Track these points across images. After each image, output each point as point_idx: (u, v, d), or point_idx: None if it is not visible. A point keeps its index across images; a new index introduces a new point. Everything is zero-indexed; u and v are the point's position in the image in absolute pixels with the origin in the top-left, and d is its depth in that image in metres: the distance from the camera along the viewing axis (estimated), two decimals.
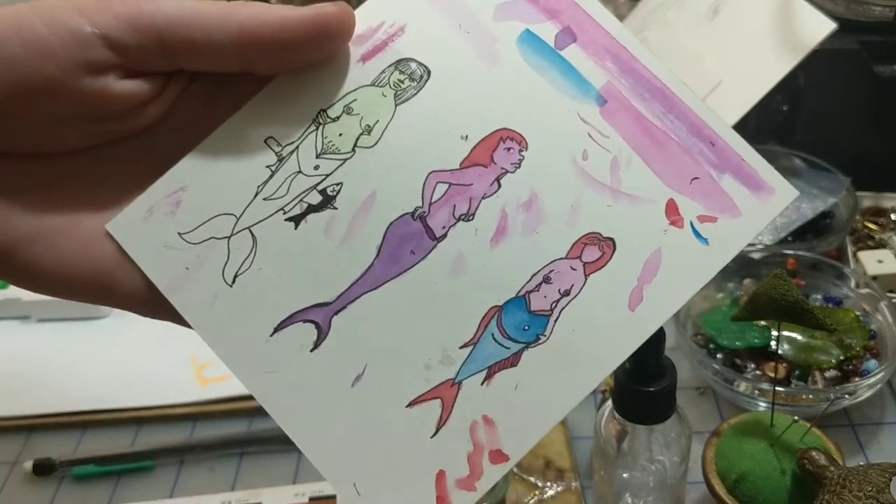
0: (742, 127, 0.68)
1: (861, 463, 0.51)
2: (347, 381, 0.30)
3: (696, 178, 0.31)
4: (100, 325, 0.67)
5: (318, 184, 0.30)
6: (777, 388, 0.51)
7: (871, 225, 0.69)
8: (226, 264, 0.30)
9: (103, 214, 0.29)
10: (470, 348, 0.30)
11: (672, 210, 0.31)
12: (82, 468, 0.56)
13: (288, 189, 0.30)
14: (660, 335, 0.40)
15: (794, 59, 0.62)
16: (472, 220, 0.31)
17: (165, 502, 0.54)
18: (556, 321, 0.30)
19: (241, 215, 0.30)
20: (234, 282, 0.30)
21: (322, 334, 0.30)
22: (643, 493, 0.46)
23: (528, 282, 0.30)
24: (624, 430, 0.44)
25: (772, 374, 0.54)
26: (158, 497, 0.54)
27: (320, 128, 0.31)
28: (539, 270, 0.30)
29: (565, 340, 0.30)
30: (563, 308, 0.30)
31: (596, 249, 0.31)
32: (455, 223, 0.31)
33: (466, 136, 0.31)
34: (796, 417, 0.47)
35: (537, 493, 0.52)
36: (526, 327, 0.30)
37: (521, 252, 0.31)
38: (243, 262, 0.30)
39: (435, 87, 0.31)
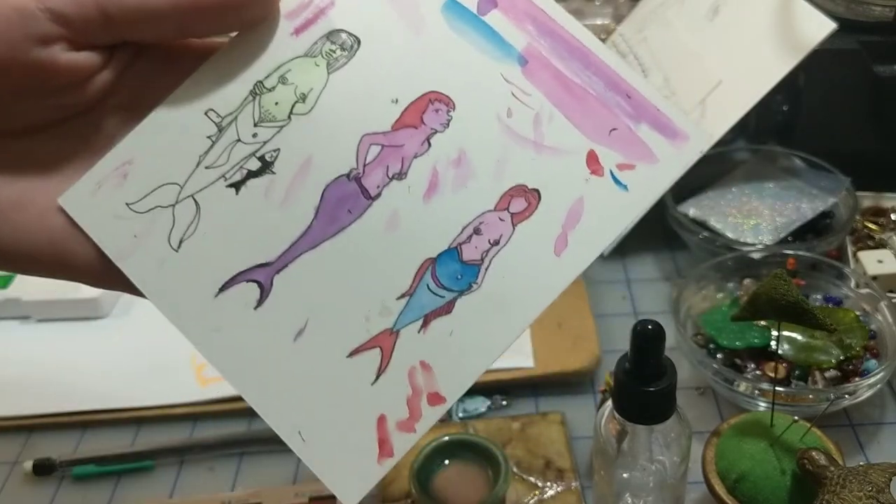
0: (742, 127, 0.68)
1: (861, 463, 0.51)
2: (290, 336, 0.31)
3: (615, 129, 0.33)
4: (100, 325, 0.67)
5: (256, 151, 0.32)
6: (777, 388, 0.51)
7: (871, 225, 0.69)
8: (171, 230, 0.31)
9: (56, 190, 0.31)
10: (407, 299, 0.32)
11: (592, 160, 0.33)
12: (82, 468, 0.56)
13: (228, 157, 0.32)
14: (660, 334, 0.40)
15: (794, 59, 0.62)
16: (405, 178, 0.32)
17: (165, 502, 0.54)
18: (486, 269, 0.32)
19: (184, 184, 0.32)
20: (179, 247, 0.31)
21: (265, 293, 0.31)
22: (643, 493, 0.46)
23: (459, 234, 0.32)
24: (624, 430, 0.44)
25: (772, 374, 0.54)
26: (158, 497, 0.54)
27: (257, 98, 0.32)
28: (470, 223, 0.32)
29: (496, 287, 0.32)
30: (493, 257, 0.32)
31: (522, 200, 0.32)
32: (389, 182, 0.32)
33: (397, 100, 0.33)
34: (796, 417, 0.47)
35: (537, 493, 0.52)
36: (459, 276, 0.32)
37: (452, 206, 0.32)
38: (188, 227, 0.31)
39: (365, 55, 0.33)
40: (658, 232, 0.72)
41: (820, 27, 0.61)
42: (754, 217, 0.67)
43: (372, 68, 0.33)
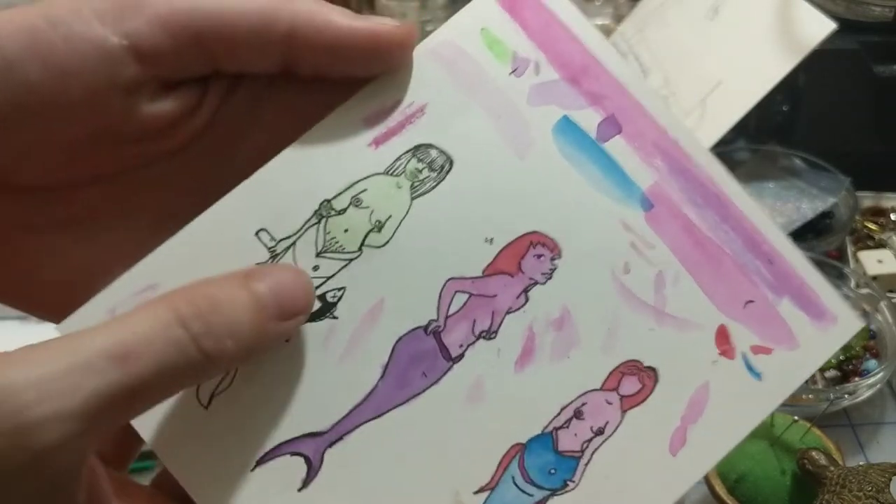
0: (742, 127, 0.68)
1: (861, 463, 0.51)
2: None
3: (751, 301, 0.27)
4: None
5: (317, 287, 0.26)
6: None
7: (871, 225, 0.69)
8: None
9: (139, 253, 0.25)
10: (486, 494, 0.26)
11: (723, 338, 0.27)
12: None
13: None
14: None
15: (794, 59, 0.62)
16: (495, 338, 0.26)
17: None
18: (587, 465, 0.26)
19: None
20: (209, 403, 0.25)
21: (312, 471, 0.25)
22: None
23: (556, 416, 0.26)
24: None
25: None
26: None
27: (323, 221, 0.26)
28: (570, 403, 0.26)
29: (597, 489, 0.26)
30: (595, 449, 0.26)
31: (635, 381, 0.27)
32: (474, 341, 0.26)
33: (491, 240, 0.27)
34: (796, 417, 0.47)
35: None
36: (552, 471, 0.26)
37: (549, 380, 0.26)
38: (222, 379, 0.25)
39: (457, 179, 0.27)
40: None
41: (820, 27, 0.61)
42: None
43: (464, 197, 0.27)
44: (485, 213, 0.27)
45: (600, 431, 0.26)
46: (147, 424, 0.25)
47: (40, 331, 0.70)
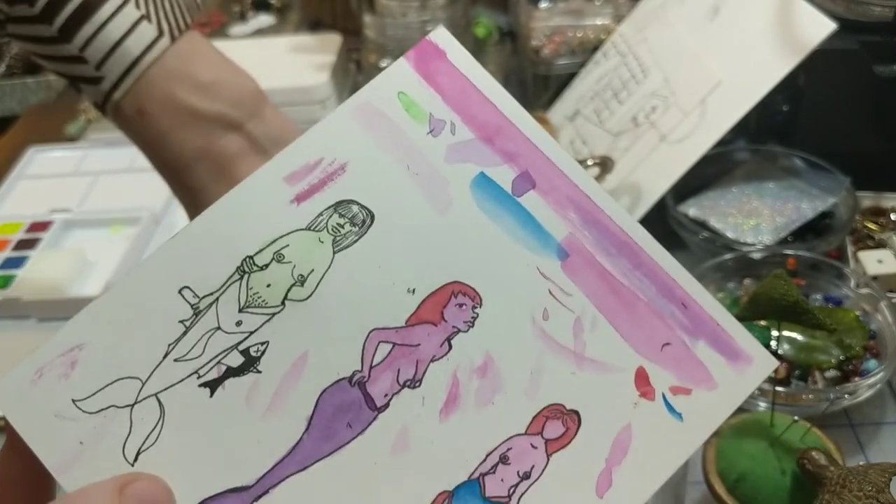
0: (742, 127, 0.68)
1: (861, 463, 0.51)
2: None
3: (668, 343, 0.28)
4: None
5: (239, 342, 0.26)
6: (777, 388, 0.51)
7: (871, 225, 0.69)
8: (127, 438, 0.25)
9: None
10: None
11: (642, 380, 0.28)
12: None
13: (204, 348, 0.26)
14: None
15: (794, 59, 0.62)
16: (419, 386, 0.27)
17: None
18: None
19: (146, 379, 0.26)
20: (135, 459, 0.25)
21: None
22: None
23: (482, 462, 0.27)
24: None
25: (772, 374, 0.54)
26: None
27: (245, 277, 0.27)
28: (495, 448, 0.27)
29: None
30: (522, 494, 0.27)
31: (559, 424, 0.27)
32: (399, 390, 0.27)
33: (413, 290, 0.27)
34: (796, 417, 0.47)
35: None
36: None
37: (474, 426, 0.27)
38: (148, 435, 0.25)
39: (379, 233, 0.28)
40: (658, 232, 0.71)
41: (820, 27, 0.61)
42: (754, 217, 0.67)
43: (386, 250, 0.28)
44: (406, 265, 0.28)
45: (526, 476, 0.27)
46: (75, 483, 0.25)
47: (41, 331, 0.70)
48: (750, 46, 0.66)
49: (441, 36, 0.29)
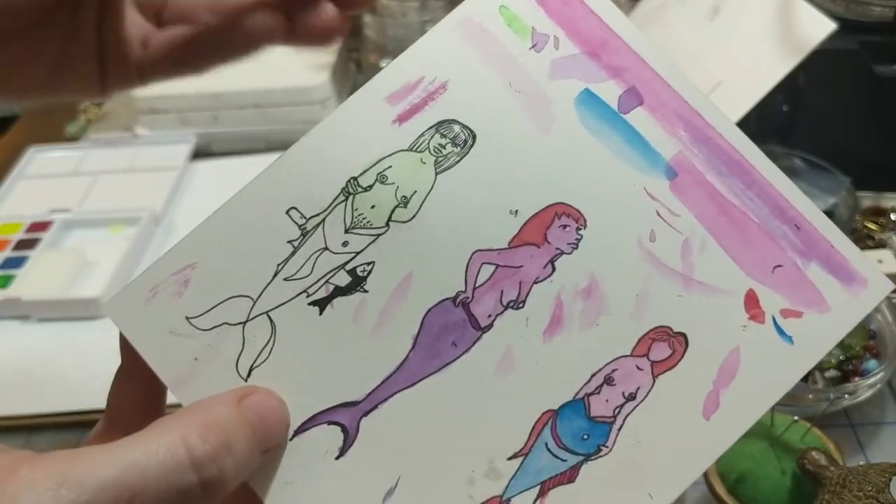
0: (742, 127, 0.68)
1: (861, 463, 0.51)
2: (378, 496, 0.26)
3: (780, 265, 0.27)
4: (100, 326, 0.67)
5: (346, 262, 0.27)
6: None
7: (871, 225, 0.69)
8: (240, 355, 0.26)
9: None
10: (520, 460, 0.26)
11: (752, 303, 0.27)
12: None
13: (312, 268, 0.27)
14: None
15: (794, 60, 0.62)
16: (523, 308, 0.27)
17: None
18: (619, 430, 0.26)
19: (258, 298, 0.26)
20: (248, 375, 0.26)
21: (349, 439, 0.26)
22: None
23: (587, 382, 0.27)
24: None
25: None
26: None
27: (350, 198, 0.27)
28: (600, 369, 0.27)
29: (630, 453, 0.26)
30: (627, 414, 0.26)
31: (665, 346, 0.27)
32: (503, 311, 0.27)
33: (516, 212, 0.27)
34: (796, 417, 0.47)
35: None
36: (585, 436, 0.26)
37: (578, 347, 0.27)
38: (260, 352, 0.26)
39: (481, 153, 0.27)
40: None
41: (820, 27, 0.61)
42: None
43: (488, 170, 0.27)
44: (509, 186, 0.27)
45: (632, 397, 0.27)
46: (190, 395, 0.25)
47: (40, 331, 0.70)
48: (750, 46, 0.66)
49: None
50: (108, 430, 0.27)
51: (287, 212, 0.27)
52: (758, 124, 0.75)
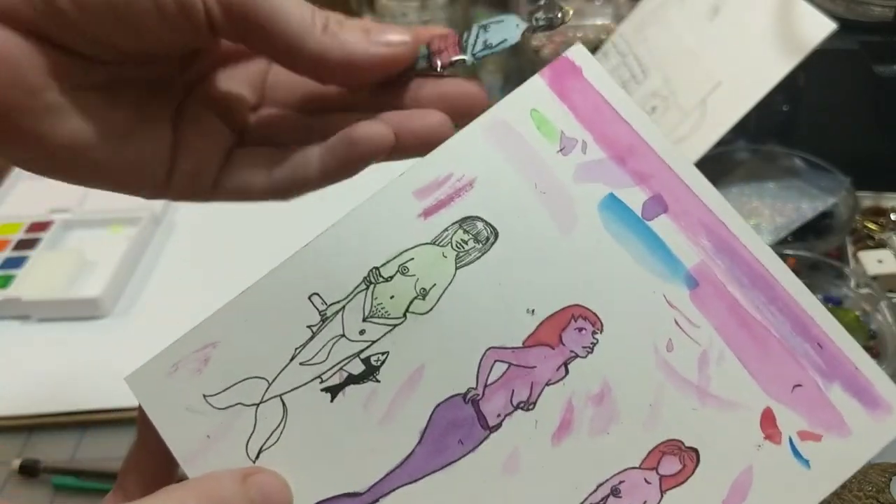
0: (742, 127, 0.68)
1: None
2: None
3: (799, 385, 0.27)
4: (100, 325, 0.67)
5: (361, 351, 0.27)
6: None
7: (871, 225, 0.69)
8: (251, 436, 0.26)
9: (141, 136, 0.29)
10: None
11: (768, 421, 0.26)
12: (61, 479, 0.55)
13: (328, 354, 0.27)
14: None
15: (794, 60, 0.62)
16: (533, 409, 0.27)
17: None
18: None
19: (273, 380, 0.27)
20: (257, 457, 0.26)
21: None
22: None
23: (592, 492, 0.26)
24: None
25: None
26: None
27: (371, 287, 0.27)
28: (607, 480, 0.26)
29: None
30: None
31: (676, 461, 0.26)
32: (512, 412, 0.26)
33: (533, 311, 0.27)
34: None
35: None
36: None
37: (587, 454, 0.26)
38: (270, 434, 0.26)
39: (502, 251, 0.27)
40: None
41: (820, 27, 0.61)
42: (754, 217, 0.67)
43: (508, 268, 0.27)
44: (528, 285, 0.27)
45: None
46: (199, 471, 0.26)
47: (40, 331, 0.70)
48: (750, 46, 0.66)
49: (578, 52, 0.29)
50: (121, 498, 0.27)
51: (310, 297, 0.27)
52: (758, 124, 0.75)
